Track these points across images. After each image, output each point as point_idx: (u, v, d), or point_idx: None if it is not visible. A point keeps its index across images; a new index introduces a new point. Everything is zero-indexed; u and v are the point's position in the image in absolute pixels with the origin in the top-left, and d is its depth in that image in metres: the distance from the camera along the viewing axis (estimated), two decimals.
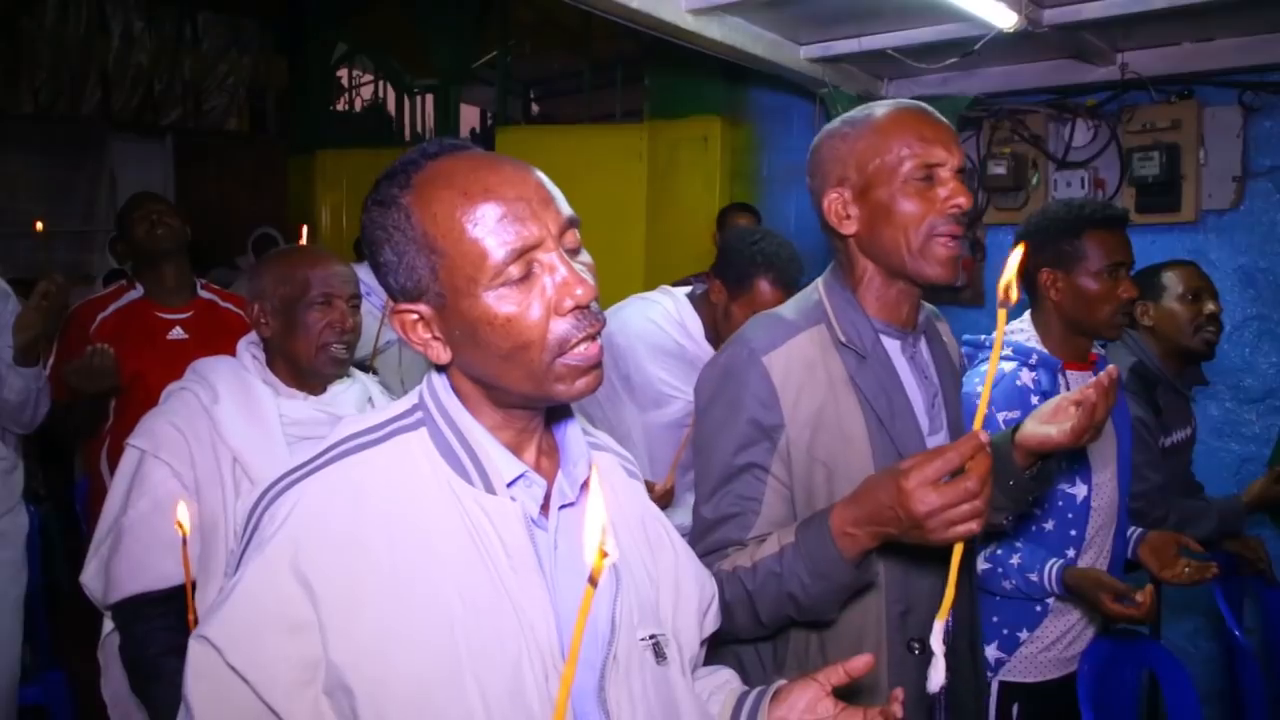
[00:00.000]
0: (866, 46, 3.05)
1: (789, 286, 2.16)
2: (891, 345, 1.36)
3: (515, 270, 0.87)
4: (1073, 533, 1.87)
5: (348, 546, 0.85)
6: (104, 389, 2.38)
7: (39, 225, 2.84)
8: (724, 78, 4.11)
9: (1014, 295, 0.98)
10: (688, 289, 2.44)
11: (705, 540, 1.30)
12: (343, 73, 6.62)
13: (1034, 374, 1.87)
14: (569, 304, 0.88)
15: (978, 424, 1.03)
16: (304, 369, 1.68)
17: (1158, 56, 3.05)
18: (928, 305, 1.50)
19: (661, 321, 2.31)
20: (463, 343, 0.90)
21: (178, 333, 2.56)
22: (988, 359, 1.94)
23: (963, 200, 1.28)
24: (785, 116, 4.00)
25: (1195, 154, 3.08)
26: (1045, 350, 1.90)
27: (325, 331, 1.65)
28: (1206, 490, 2.60)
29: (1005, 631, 1.86)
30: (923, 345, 1.42)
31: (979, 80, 3.37)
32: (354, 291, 1.71)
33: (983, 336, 2.00)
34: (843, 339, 1.32)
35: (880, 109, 1.34)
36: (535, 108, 6.64)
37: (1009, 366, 1.89)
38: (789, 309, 1.40)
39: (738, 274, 2.19)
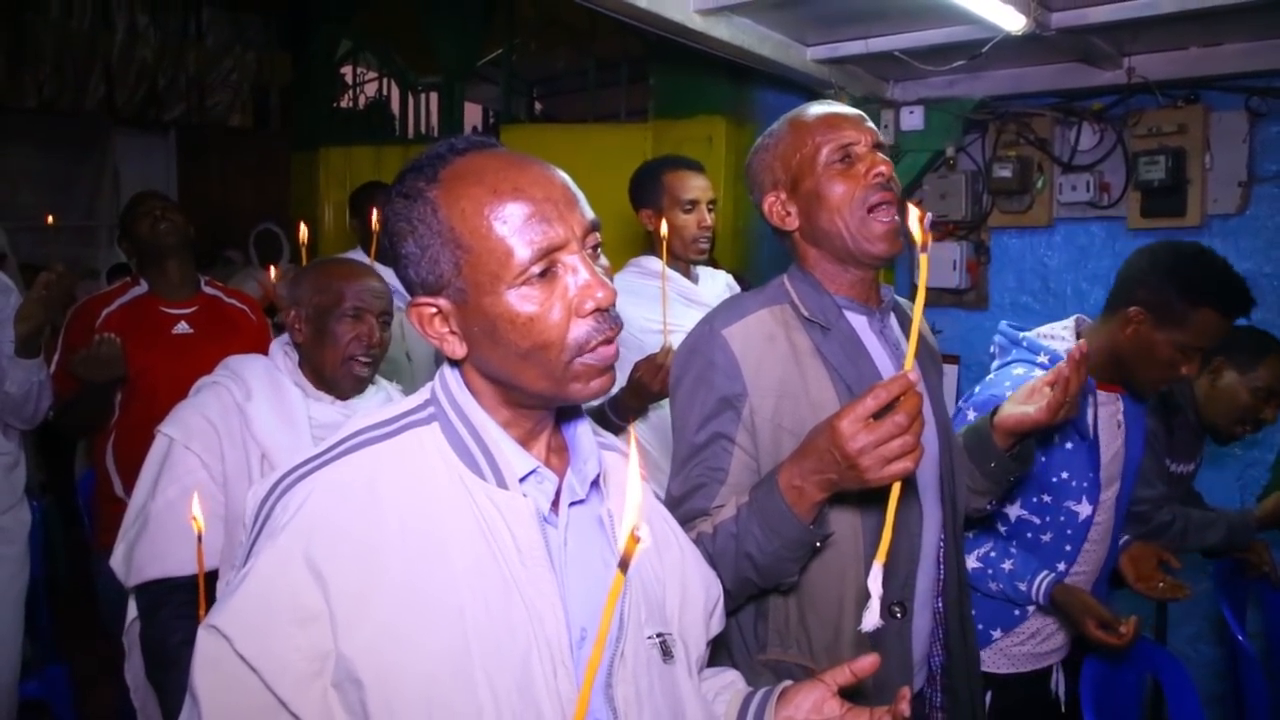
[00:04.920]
0: (873, 48, 3.04)
1: (690, 165, 2.45)
2: (857, 320, 1.42)
3: (538, 269, 0.87)
4: (1068, 548, 1.88)
5: (360, 539, 0.86)
6: (112, 378, 2.38)
7: (50, 219, 2.83)
8: (729, 78, 4.11)
9: (927, 241, 1.02)
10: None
11: (675, 514, 1.31)
12: (346, 69, 6.61)
13: None
14: (590, 306, 0.88)
15: (908, 365, 1.07)
16: (327, 378, 1.74)
17: (1164, 61, 3.04)
18: (902, 300, 1.56)
19: (628, 276, 2.44)
20: (481, 339, 0.90)
21: (182, 327, 2.56)
22: (1017, 361, 1.90)
23: (883, 168, 1.36)
24: None
25: (1201, 158, 3.08)
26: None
27: (352, 344, 1.70)
28: (1210, 496, 2.60)
29: (980, 627, 1.87)
30: (892, 321, 1.48)
31: (985, 83, 3.37)
32: (385, 308, 1.75)
33: (1021, 335, 1.93)
34: (806, 314, 1.39)
35: (793, 113, 1.46)
36: (539, 106, 6.63)
37: (1042, 375, 1.82)
38: (752, 293, 1.49)
39: (649, 187, 2.43)
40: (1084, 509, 1.85)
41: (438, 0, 5.51)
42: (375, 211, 2.64)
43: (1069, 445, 1.83)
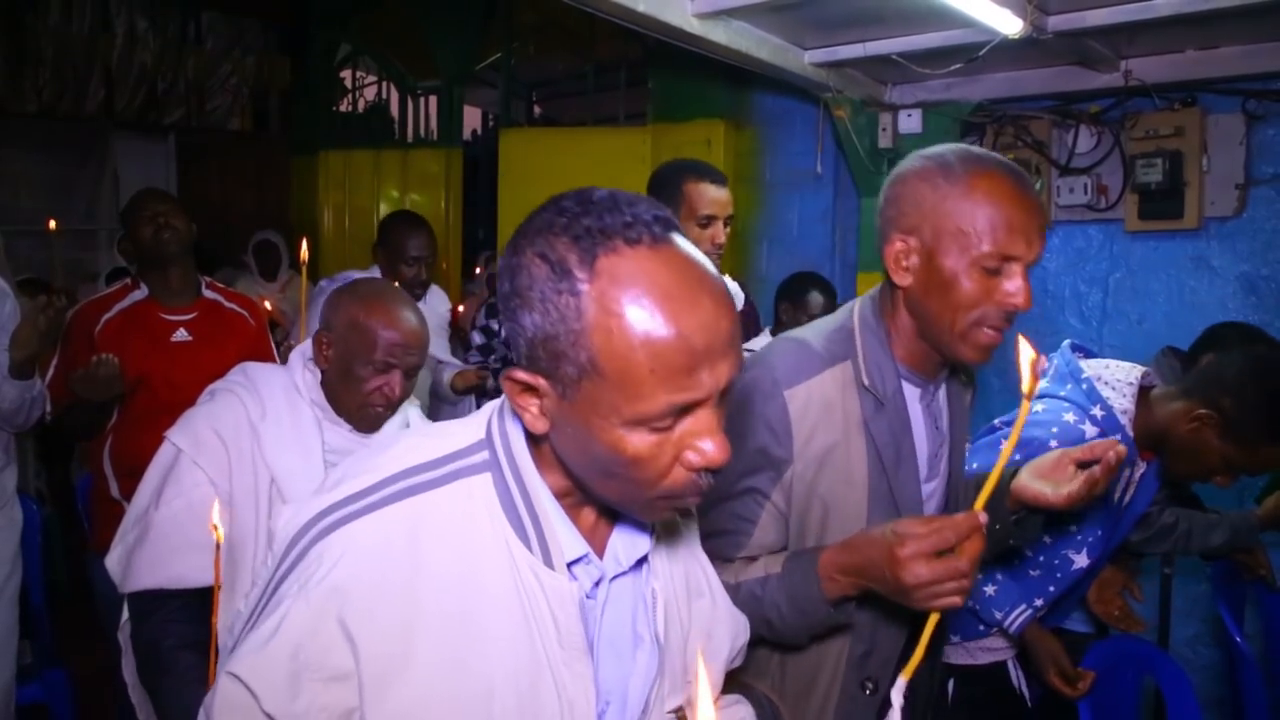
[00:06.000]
0: (871, 52, 3.05)
1: (713, 177, 2.35)
2: (911, 393, 1.34)
3: (666, 424, 0.79)
4: (1051, 589, 1.88)
5: (397, 605, 0.82)
6: (109, 396, 2.38)
7: (52, 224, 2.84)
8: (728, 81, 4.12)
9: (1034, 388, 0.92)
10: None
11: None
12: (345, 73, 6.62)
13: None
14: (697, 463, 0.81)
15: (979, 505, 1.01)
16: (343, 413, 1.68)
17: (1161, 63, 3.05)
18: None
19: None
20: (569, 438, 0.82)
21: (182, 334, 2.55)
22: (1071, 403, 1.79)
23: (1021, 301, 1.22)
24: (789, 121, 4.01)
25: (1198, 161, 3.09)
26: (1132, 434, 1.78)
27: (374, 394, 1.63)
28: (1206, 497, 2.60)
29: None
30: (940, 393, 1.40)
31: (983, 86, 3.38)
32: (416, 363, 1.66)
33: (1084, 371, 1.83)
34: (866, 382, 1.29)
35: (978, 166, 1.24)
36: (538, 110, 6.65)
37: (1091, 431, 1.74)
38: (819, 337, 1.35)
39: (667, 192, 2.35)
40: (1080, 560, 1.84)
41: (436, 4, 5.53)
42: (399, 279, 2.74)
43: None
